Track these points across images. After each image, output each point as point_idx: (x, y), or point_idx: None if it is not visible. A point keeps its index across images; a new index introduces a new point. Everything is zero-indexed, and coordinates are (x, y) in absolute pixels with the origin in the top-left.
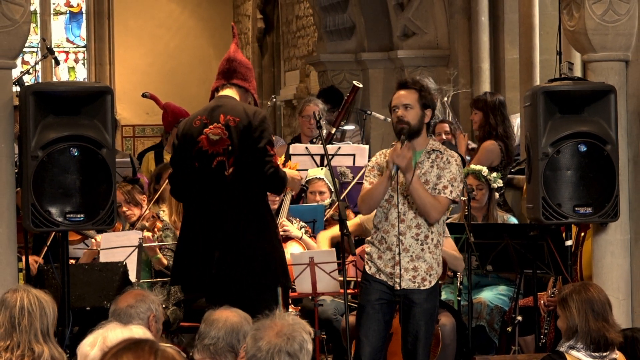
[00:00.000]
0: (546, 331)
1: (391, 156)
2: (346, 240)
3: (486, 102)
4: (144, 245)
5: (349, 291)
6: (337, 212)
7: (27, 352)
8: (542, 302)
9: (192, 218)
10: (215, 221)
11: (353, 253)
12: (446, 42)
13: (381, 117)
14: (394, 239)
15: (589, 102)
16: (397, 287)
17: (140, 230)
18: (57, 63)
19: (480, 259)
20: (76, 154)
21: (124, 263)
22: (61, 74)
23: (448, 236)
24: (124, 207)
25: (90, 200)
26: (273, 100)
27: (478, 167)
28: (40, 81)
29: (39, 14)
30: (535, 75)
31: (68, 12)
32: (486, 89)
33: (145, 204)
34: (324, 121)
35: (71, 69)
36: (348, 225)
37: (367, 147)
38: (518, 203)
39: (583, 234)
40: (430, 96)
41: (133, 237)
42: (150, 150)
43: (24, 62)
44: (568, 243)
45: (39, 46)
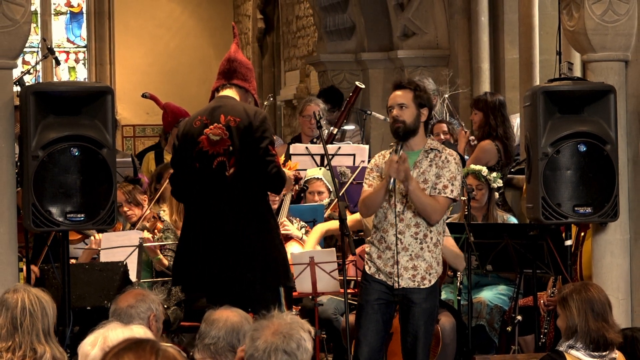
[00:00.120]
0: (546, 331)
1: (387, 169)
2: (346, 240)
3: (486, 103)
4: (144, 245)
5: (349, 291)
6: (336, 212)
7: (29, 353)
8: (542, 302)
9: (193, 219)
10: (216, 221)
11: (353, 253)
12: (446, 42)
13: (381, 117)
14: (393, 238)
15: (589, 102)
16: (396, 286)
17: (141, 230)
18: (58, 63)
19: (480, 259)
20: (77, 154)
21: (125, 263)
22: (62, 74)
23: (448, 235)
24: (125, 207)
25: (90, 200)
26: (270, 99)
27: (478, 167)
28: (40, 81)
29: (40, 14)
30: (535, 75)
31: (68, 12)
32: (486, 89)
33: (146, 204)
34: (325, 121)
35: (72, 69)
36: (348, 219)
37: (367, 147)
38: (518, 203)
39: (583, 234)
40: (426, 95)
41: (133, 237)
42: (150, 150)
43: (25, 62)
44: (568, 243)
45: (40, 46)
